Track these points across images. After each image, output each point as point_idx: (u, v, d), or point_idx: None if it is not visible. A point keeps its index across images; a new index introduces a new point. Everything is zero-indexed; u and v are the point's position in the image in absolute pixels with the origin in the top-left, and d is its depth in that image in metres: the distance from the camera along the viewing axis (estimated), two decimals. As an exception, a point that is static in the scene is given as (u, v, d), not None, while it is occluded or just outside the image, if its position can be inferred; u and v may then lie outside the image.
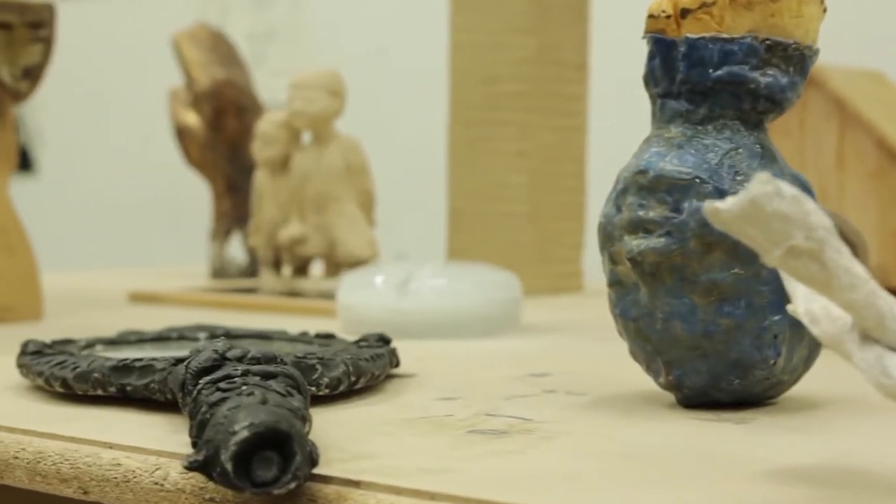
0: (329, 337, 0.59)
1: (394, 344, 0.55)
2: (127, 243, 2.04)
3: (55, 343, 0.54)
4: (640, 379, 0.53)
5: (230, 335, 0.61)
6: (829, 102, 0.77)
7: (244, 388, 0.36)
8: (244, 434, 0.33)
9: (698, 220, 0.43)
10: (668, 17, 0.45)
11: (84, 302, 0.91)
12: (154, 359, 0.47)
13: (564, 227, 1.02)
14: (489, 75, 0.99)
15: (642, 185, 0.44)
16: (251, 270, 1.16)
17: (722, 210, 0.31)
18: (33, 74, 0.80)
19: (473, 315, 0.71)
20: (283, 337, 0.60)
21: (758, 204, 0.31)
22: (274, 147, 0.93)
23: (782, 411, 0.46)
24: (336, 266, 0.92)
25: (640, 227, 0.44)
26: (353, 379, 0.49)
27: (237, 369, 0.40)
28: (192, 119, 1.15)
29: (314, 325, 0.73)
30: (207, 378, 0.40)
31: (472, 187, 1.01)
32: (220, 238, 1.16)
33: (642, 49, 0.46)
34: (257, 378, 0.39)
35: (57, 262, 1.37)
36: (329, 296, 0.90)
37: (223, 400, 0.36)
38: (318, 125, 0.91)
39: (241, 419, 0.34)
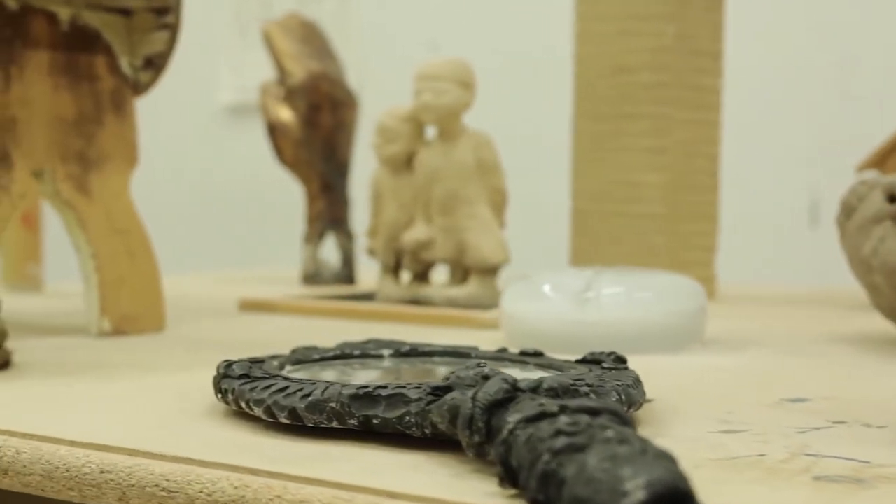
0: (537, 355, 0.52)
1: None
2: (195, 246, 1.98)
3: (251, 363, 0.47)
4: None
5: (417, 351, 0.54)
6: None
7: (608, 433, 0.29)
8: (640, 496, 0.26)
9: None
10: None
11: (195, 310, 0.85)
12: (401, 386, 0.40)
13: (699, 229, 0.95)
14: (620, 65, 0.92)
15: None
16: (346, 275, 1.09)
17: None
18: (156, 65, 0.73)
19: (663, 327, 0.64)
20: (481, 355, 0.53)
21: None
22: (396, 143, 0.86)
23: None
24: (464, 272, 0.85)
25: None
26: (624, 409, 0.41)
27: (543, 404, 0.33)
28: (285, 115, 1.07)
29: (450, 336, 0.67)
30: (519, 416, 0.32)
31: (598, 187, 0.94)
32: (314, 241, 1.09)
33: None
34: (584, 416, 0.32)
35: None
36: (458, 304, 0.83)
37: (574, 447, 0.29)
38: (447, 119, 0.84)
39: (630, 476, 0.27)
